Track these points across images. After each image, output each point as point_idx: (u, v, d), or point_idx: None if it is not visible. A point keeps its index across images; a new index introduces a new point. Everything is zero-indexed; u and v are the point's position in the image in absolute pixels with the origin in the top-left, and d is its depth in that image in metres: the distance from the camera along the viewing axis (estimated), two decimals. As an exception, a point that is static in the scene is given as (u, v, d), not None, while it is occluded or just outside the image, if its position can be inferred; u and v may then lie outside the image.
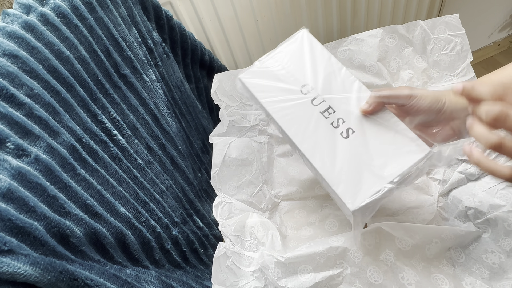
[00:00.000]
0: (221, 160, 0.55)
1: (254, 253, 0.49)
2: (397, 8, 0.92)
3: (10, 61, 0.35)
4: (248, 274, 0.47)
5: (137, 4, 0.58)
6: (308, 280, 0.44)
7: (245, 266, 0.48)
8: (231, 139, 0.59)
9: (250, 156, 0.60)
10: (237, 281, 0.46)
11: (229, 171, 0.57)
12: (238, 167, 0.58)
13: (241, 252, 0.49)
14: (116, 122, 0.47)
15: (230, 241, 0.49)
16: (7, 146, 0.32)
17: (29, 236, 0.29)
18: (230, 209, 0.53)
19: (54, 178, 0.35)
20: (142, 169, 0.49)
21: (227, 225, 0.50)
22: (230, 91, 0.61)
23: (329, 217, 0.56)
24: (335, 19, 0.87)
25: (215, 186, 0.54)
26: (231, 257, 0.47)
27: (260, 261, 0.47)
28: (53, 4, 0.42)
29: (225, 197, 0.54)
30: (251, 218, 0.52)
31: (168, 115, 0.58)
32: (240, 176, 0.58)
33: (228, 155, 0.57)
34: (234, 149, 0.58)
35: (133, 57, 0.52)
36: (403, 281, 0.44)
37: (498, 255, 0.43)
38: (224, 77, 0.61)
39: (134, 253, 0.44)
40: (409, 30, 0.58)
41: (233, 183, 0.57)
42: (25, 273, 0.26)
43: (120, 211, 0.42)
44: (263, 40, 0.85)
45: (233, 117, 0.60)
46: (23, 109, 0.35)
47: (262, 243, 0.50)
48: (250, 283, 0.46)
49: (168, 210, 0.52)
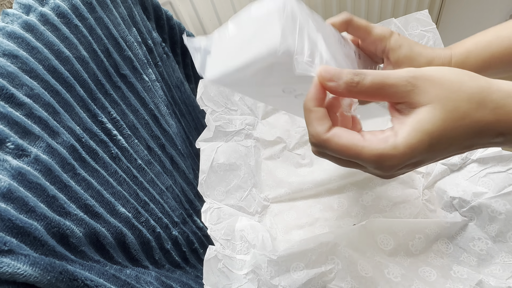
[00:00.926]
0: (208, 166, 0.55)
1: (245, 256, 0.50)
2: (397, 9, 0.92)
3: (10, 61, 0.35)
4: (240, 277, 0.48)
5: (137, 4, 0.58)
6: (301, 277, 0.45)
7: (237, 269, 0.48)
8: (218, 144, 0.59)
9: (238, 160, 0.60)
10: (230, 284, 0.47)
11: (217, 177, 0.57)
12: (226, 172, 0.58)
13: (233, 255, 0.49)
14: (116, 122, 0.47)
15: (221, 244, 0.49)
16: (7, 146, 0.32)
17: (29, 236, 0.29)
18: (219, 214, 0.53)
19: (54, 178, 0.35)
20: (142, 169, 0.49)
21: (216, 229, 0.50)
22: (215, 96, 0.62)
23: (318, 220, 0.57)
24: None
25: (203, 193, 0.54)
26: (222, 260, 0.48)
27: (252, 261, 0.47)
28: (53, 4, 0.42)
29: (213, 203, 0.54)
30: (240, 222, 0.53)
31: (168, 115, 0.58)
32: (228, 181, 0.58)
33: (215, 161, 0.57)
34: (221, 154, 0.58)
35: (133, 57, 0.52)
36: (389, 276, 0.45)
37: (485, 241, 0.44)
38: (209, 83, 0.61)
39: (134, 253, 0.44)
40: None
41: (221, 189, 0.57)
42: (25, 273, 0.26)
43: (120, 211, 0.42)
44: (263, 40, 0.85)
45: (219, 122, 0.60)
46: (23, 109, 0.35)
47: (253, 245, 0.50)
48: (243, 285, 0.47)
49: (168, 210, 0.52)
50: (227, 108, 0.63)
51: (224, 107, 0.62)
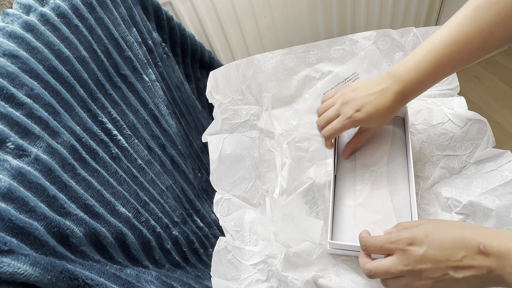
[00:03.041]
0: (217, 156, 0.56)
1: (254, 247, 0.51)
2: (397, 10, 0.92)
3: (10, 61, 0.35)
4: (250, 267, 0.48)
5: (137, 4, 0.58)
6: (311, 274, 0.46)
7: (246, 260, 0.49)
8: (224, 135, 0.60)
9: (243, 151, 0.60)
10: (239, 275, 0.47)
11: (225, 167, 0.58)
12: (233, 163, 0.59)
13: (242, 246, 0.50)
14: (116, 122, 0.47)
15: (231, 235, 0.50)
16: (7, 146, 0.32)
17: (29, 236, 0.29)
18: (229, 205, 0.55)
19: (54, 178, 0.35)
20: (142, 169, 0.49)
21: (227, 221, 0.52)
22: (224, 87, 0.62)
23: (319, 214, 0.58)
24: (335, 19, 0.87)
25: (214, 183, 0.55)
26: (231, 251, 0.49)
27: (267, 251, 0.48)
28: (53, 4, 0.42)
29: (223, 193, 0.55)
30: (249, 215, 0.54)
31: (168, 115, 0.58)
32: (234, 172, 0.58)
33: (223, 151, 0.58)
34: (228, 145, 0.59)
35: (133, 57, 0.52)
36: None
37: None
38: (218, 73, 0.62)
39: (134, 253, 0.44)
40: (402, 35, 0.59)
41: (228, 179, 0.58)
42: (25, 273, 0.26)
43: (120, 211, 0.42)
44: (263, 40, 0.85)
45: (226, 114, 0.61)
46: (23, 109, 0.35)
47: (263, 238, 0.51)
48: (253, 276, 0.48)
49: (168, 210, 0.52)
50: (233, 98, 0.63)
51: (230, 97, 0.63)
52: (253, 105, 0.65)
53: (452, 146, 0.52)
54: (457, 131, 0.52)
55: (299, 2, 0.80)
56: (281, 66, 0.64)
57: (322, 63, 0.64)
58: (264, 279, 0.48)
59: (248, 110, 0.64)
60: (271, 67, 0.64)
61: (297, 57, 0.64)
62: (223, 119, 0.60)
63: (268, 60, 0.64)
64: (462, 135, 0.51)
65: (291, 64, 0.64)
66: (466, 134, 0.51)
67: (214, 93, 0.61)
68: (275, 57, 0.63)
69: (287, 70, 0.64)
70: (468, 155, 0.50)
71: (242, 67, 0.63)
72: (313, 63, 0.64)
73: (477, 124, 0.50)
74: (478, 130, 0.50)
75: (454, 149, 0.51)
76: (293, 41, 0.87)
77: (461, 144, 0.51)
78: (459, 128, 0.51)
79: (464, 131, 0.51)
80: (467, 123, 0.51)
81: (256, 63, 0.64)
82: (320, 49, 0.63)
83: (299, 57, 0.64)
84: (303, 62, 0.64)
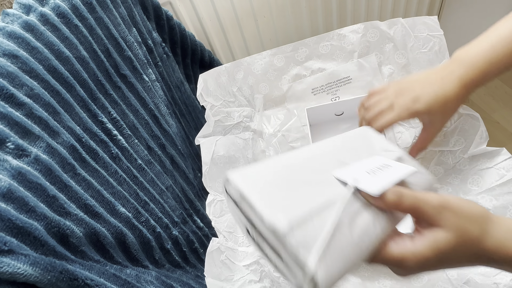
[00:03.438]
0: (210, 158, 0.56)
1: (247, 248, 0.51)
2: (397, 9, 0.92)
3: (10, 61, 0.35)
4: (243, 268, 0.48)
5: (137, 4, 0.58)
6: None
7: (239, 261, 0.49)
8: (217, 137, 0.60)
9: (237, 153, 0.60)
10: (232, 275, 0.47)
11: (218, 169, 0.57)
12: (226, 164, 0.59)
13: (235, 247, 0.50)
14: (116, 122, 0.47)
15: (224, 236, 0.50)
16: (7, 146, 0.32)
17: (29, 236, 0.29)
18: (222, 207, 0.54)
19: (54, 178, 0.35)
20: (142, 169, 0.49)
21: (220, 222, 0.52)
22: (214, 90, 0.62)
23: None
24: (335, 19, 0.87)
25: (206, 185, 0.55)
26: (225, 252, 0.49)
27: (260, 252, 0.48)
28: (53, 4, 0.42)
29: (216, 195, 0.55)
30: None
31: (168, 115, 0.58)
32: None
33: (216, 153, 0.58)
34: (221, 146, 0.59)
35: (133, 57, 0.52)
36: (379, 284, 0.46)
37: None
38: (208, 76, 0.62)
39: (134, 253, 0.44)
40: (390, 26, 0.59)
41: (221, 180, 0.57)
42: (25, 273, 0.26)
43: (120, 211, 0.42)
44: (263, 40, 0.85)
45: (218, 117, 0.61)
46: (23, 109, 0.35)
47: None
48: (245, 276, 0.47)
49: (168, 210, 0.52)
50: (225, 100, 0.63)
51: (222, 100, 0.63)
52: (245, 107, 0.65)
53: (445, 141, 0.52)
54: (450, 126, 0.52)
55: (299, 2, 0.80)
56: (271, 66, 0.64)
57: (311, 61, 0.64)
58: (257, 279, 0.48)
59: (241, 112, 0.64)
60: (261, 68, 0.64)
61: (286, 57, 0.63)
62: (215, 121, 0.60)
63: (257, 62, 0.64)
64: (455, 130, 0.51)
65: (280, 64, 0.64)
66: (458, 129, 0.51)
67: (205, 95, 0.61)
68: (264, 58, 0.63)
69: (277, 70, 0.64)
70: (462, 150, 0.50)
71: (232, 70, 0.63)
72: (302, 61, 0.64)
73: (469, 118, 0.50)
74: (470, 124, 0.50)
75: (447, 145, 0.51)
76: (293, 40, 0.87)
77: (454, 139, 0.51)
78: (451, 123, 0.52)
79: (456, 125, 0.51)
80: (459, 117, 0.51)
81: (245, 65, 0.63)
82: (308, 46, 0.63)
83: (287, 56, 0.63)
84: (292, 61, 0.64)
